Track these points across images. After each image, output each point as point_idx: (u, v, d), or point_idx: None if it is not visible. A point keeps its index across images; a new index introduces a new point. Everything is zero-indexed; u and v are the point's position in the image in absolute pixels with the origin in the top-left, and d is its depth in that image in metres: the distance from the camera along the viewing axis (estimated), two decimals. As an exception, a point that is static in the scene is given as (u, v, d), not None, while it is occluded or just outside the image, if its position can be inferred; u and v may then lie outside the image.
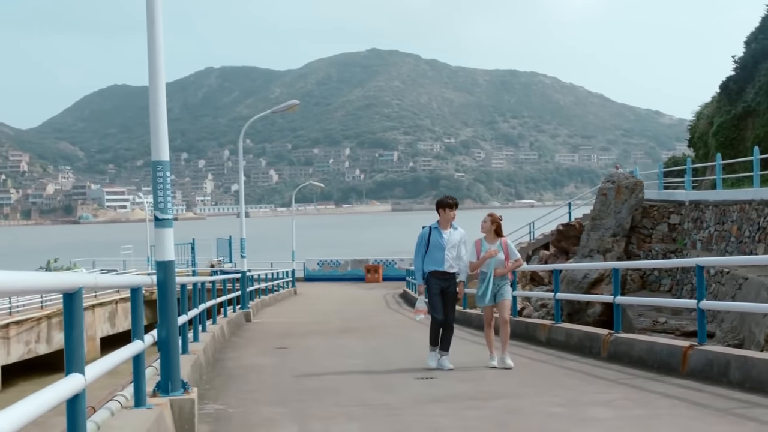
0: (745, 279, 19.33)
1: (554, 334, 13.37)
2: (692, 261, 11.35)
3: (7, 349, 26.21)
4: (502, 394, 8.54)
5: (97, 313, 31.83)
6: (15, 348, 26.62)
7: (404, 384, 9.50)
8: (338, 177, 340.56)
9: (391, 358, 12.52)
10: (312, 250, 62.22)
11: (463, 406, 7.84)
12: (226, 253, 47.32)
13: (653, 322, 19.59)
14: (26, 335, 27.30)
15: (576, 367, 10.48)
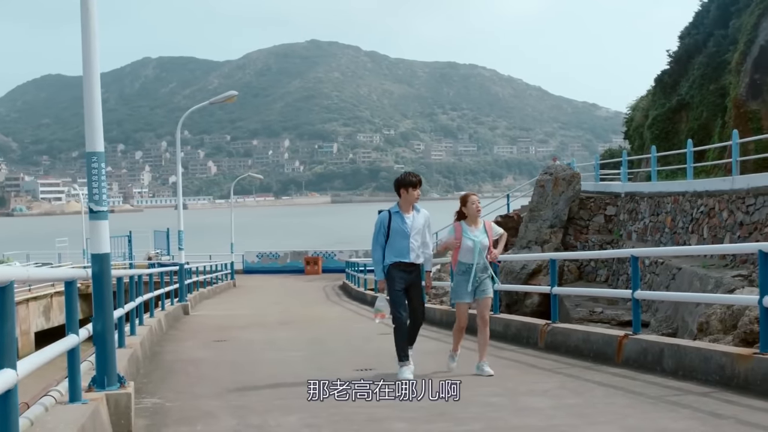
0: (679, 269, 19.69)
1: (493, 325, 13.41)
2: (627, 252, 11.53)
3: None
4: (441, 384, 8.56)
5: (32, 307, 31.24)
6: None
7: (344, 375, 9.48)
8: (277, 169, 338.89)
9: (332, 350, 12.53)
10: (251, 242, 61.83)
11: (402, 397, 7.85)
12: (163, 246, 46.78)
13: (590, 312, 19.88)
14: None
15: (514, 357, 10.60)
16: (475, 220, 9.49)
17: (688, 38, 33.83)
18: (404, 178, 9.48)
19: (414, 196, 9.37)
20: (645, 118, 35.23)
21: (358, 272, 32.74)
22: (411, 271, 9.33)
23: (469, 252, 9.32)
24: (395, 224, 9.30)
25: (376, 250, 9.38)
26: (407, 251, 9.26)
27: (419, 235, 9.35)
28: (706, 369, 7.89)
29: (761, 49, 24.50)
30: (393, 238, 9.27)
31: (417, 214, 9.43)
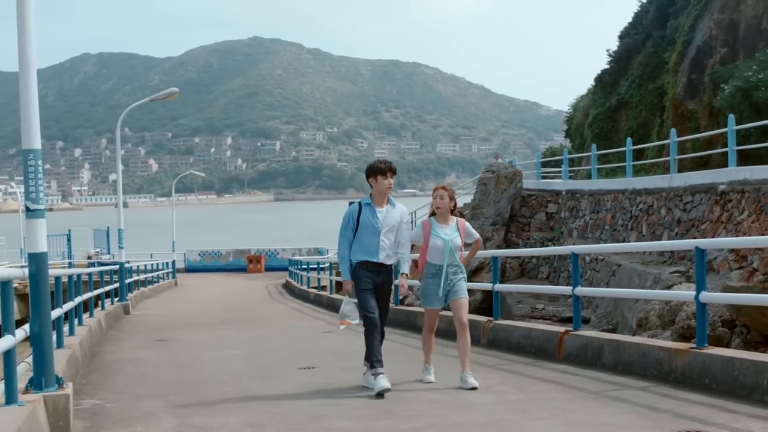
0: (619, 266, 19.96)
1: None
2: (568, 249, 11.65)
3: None
4: (384, 382, 8.57)
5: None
6: None
7: (286, 374, 9.47)
8: (220, 166, 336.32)
9: (274, 349, 12.47)
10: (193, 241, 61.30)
11: (345, 396, 7.86)
12: (103, 245, 46.15)
13: (531, 309, 20.07)
14: None
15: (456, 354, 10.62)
16: (445, 217, 8.41)
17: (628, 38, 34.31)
18: (373, 166, 8.40)
19: (385, 186, 8.24)
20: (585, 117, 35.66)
21: (301, 270, 32.64)
22: (380, 272, 8.25)
23: (439, 252, 8.29)
24: (365, 218, 8.25)
25: (342, 245, 8.33)
26: (376, 250, 8.20)
27: (392, 233, 8.29)
28: (645, 364, 8.02)
29: (698, 49, 24.94)
30: (362, 234, 8.23)
31: (391, 209, 8.34)
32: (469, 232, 8.60)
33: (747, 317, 12.42)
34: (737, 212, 16.78)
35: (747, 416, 6.12)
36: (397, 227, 8.35)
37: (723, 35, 24.15)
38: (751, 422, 5.93)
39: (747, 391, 6.75)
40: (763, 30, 22.40)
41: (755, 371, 6.75)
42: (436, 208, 8.43)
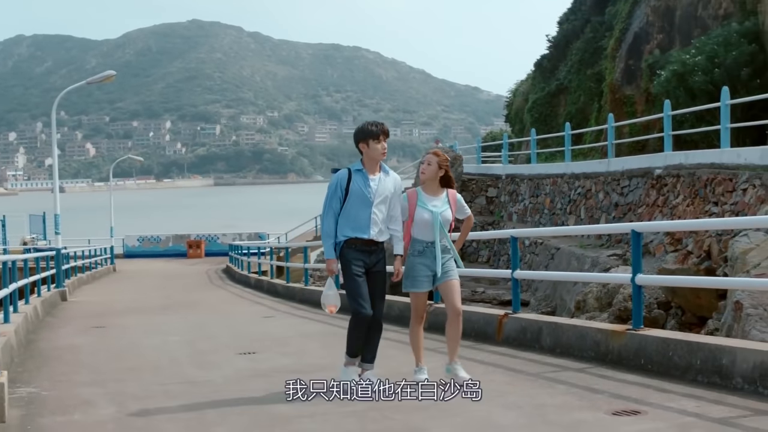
0: (557, 249, 20.20)
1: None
2: (507, 232, 11.74)
3: None
4: (324, 366, 8.58)
5: None
6: None
7: (227, 360, 9.42)
8: (159, 151, 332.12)
9: (214, 334, 12.39)
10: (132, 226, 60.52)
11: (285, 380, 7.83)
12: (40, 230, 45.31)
13: (472, 292, 20.22)
14: None
15: (397, 338, 10.65)
16: (433, 187, 7.25)
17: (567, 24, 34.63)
18: (363, 128, 7.28)
19: (379, 152, 7.16)
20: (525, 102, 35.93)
21: (241, 255, 32.46)
22: (372, 251, 7.12)
23: (427, 227, 7.13)
24: (355, 186, 7.07)
25: (327, 218, 7.13)
26: (367, 224, 7.06)
27: (385, 205, 7.15)
28: (582, 346, 8.12)
29: (635, 35, 25.25)
30: (351, 205, 7.07)
31: (385, 177, 7.20)
32: (461, 206, 7.40)
33: (682, 299, 12.66)
34: (673, 196, 17.07)
35: (681, 395, 6.24)
36: (390, 198, 7.19)
37: (659, 22, 24.49)
38: (684, 401, 6.05)
39: (681, 371, 6.89)
40: (698, 17, 22.76)
41: (689, 351, 6.88)
42: (421, 174, 7.34)
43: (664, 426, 5.45)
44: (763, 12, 19.56)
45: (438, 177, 7.24)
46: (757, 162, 14.27)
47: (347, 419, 6.10)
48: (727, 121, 15.87)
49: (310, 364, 8.77)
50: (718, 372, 6.55)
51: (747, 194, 13.76)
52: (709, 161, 16.02)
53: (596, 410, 5.94)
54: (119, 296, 22.53)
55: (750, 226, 10.75)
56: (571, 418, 5.80)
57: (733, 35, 19.58)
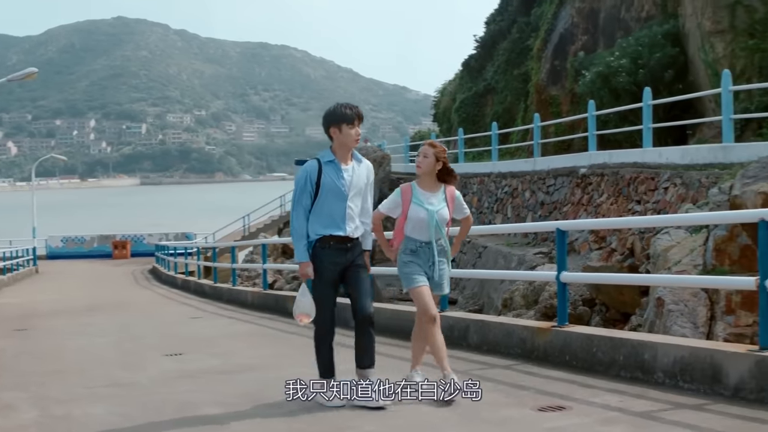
0: (485, 247, 20.39)
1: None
2: (436, 231, 11.77)
3: None
4: (253, 366, 8.54)
5: None
6: None
7: (154, 361, 9.31)
8: (83, 150, 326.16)
9: (140, 336, 12.24)
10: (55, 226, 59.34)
11: (214, 381, 7.79)
12: (-41, 231, 44.25)
13: (400, 291, 20.29)
14: None
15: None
16: (430, 183, 6.61)
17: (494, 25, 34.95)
18: (335, 111, 6.52)
19: (352, 138, 6.43)
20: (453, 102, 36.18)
21: (168, 256, 32.09)
22: (348, 248, 6.42)
23: (422, 226, 6.51)
24: (327, 179, 6.35)
25: (297, 216, 6.39)
26: (342, 220, 6.35)
27: (359, 197, 6.47)
28: (509, 343, 8.22)
29: (560, 36, 25.62)
30: (323, 200, 6.35)
31: (358, 166, 6.51)
32: (459, 205, 6.77)
33: (606, 296, 12.89)
34: (597, 195, 17.36)
35: (605, 391, 6.35)
36: (364, 190, 6.53)
37: (584, 23, 24.89)
38: (608, 396, 6.17)
39: (605, 367, 7.02)
40: (621, 19, 23.18)
41: (612, 347, 7.02)
42: (417, 168, 6.68)
43: (589, 421, 5.55)
44: (683, 14, 20.02)
45: (435, 171, 6.59)
46: (678, 161, 14.60)
47: (277, 419, 6.07)
48: (650, 122, 16.20)
49: (238, 365, 8.72)
50: (641, 367, 6.69)
51: (668, 193, 14.07)
52: (632, 160, 16.34)
53: (522, 407, 6.02)
54: (42, 298, 22.09)
55: (671, 224, 10.99)
56: (498, 415, 5.86)
57: (655, 37, 19.99)
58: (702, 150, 14.43)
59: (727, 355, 6.06)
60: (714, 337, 9.18)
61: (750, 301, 8.76)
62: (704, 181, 12.65)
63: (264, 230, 37.14)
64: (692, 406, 5.74)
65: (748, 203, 9.34)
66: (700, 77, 18.92)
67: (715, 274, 9.46)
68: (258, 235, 35.09)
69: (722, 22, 18.28)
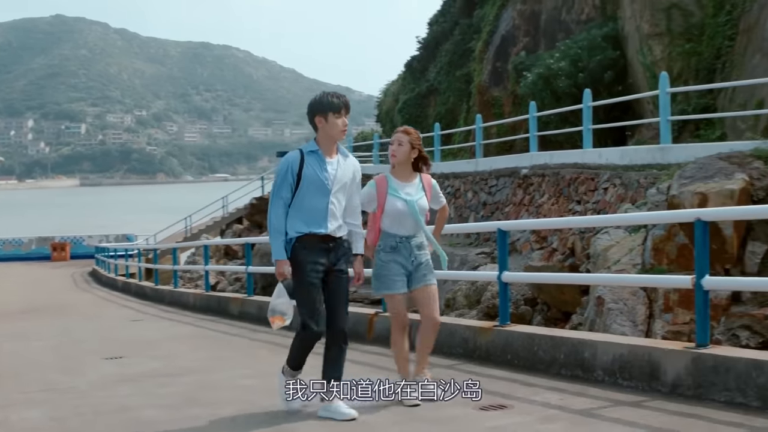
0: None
1: (247, 307, 13.45)
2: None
3: None
4: (194, 369, 8.47)
5: None
6: None
7: (93, 365, 9.17)
8: (20, 150, 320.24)
9: (80, 339, 12.06)
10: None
11: (154, 384, 7.69)
12: None
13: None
14: None
15: (268, 338, 10.60)
16: (405, 172, 6.26)
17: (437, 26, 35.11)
18: (322, 100, 6.06)
19: (339, 129, 5.98)
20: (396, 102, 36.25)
21: (108, 258, 31.66)
22: (330, 248, 5.95)
23: (400, 218, 6.14)
24: (310, 171, 5.88)
25: (276, 210, 5.91)
26: (324, 217, 5.88)
27: (343, 193, 6.00)
28: (452, 343, 8.25)
29: (502, 38, 25.81)
30: (304, 194, 5.87)
31: (344, 161, 6.04)
32: (436, 194, 6.42)
33: (547, 295, 13.01)
34: (538, 195, 17.51)
35: (545, 389, 6.41)
36: (349, 186, 6.06)
37: (525, 25, 25.11)
38: (549, 394, 6.22)
39: (546, 366, 7.08)
40: (562, 21, 23.43)
41: (553, 346, 7.08)
42: (391, 157, 6.27)
43: (529, 419, 5.59)
44: (622, 17, 20.30)
45: (411, 159, 6.24)
46: (617, 162, 14.79)
47: (218, 422, 6.02)
48: (590, 123, 16.40)
49: (179, 368, 8.63)
50: (581, 365, 6.76)
51: (608, 193, 14.25)
52: (573, 161, 16.52)
53: (464, 405, 6.03)
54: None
55: (611, 224, 11.13)
56: (440, 414, 5.87)
57: (595, 39, 20.25)
58: (640, 151, 14.64)
59: (664, 353, 6.16)
60: (652, 335, 9.32)
61: (687, 300, 8.91)
62: (643, 182, 12.82)
63: (206, 231, 36.84)
64: (631, 403, 5.82)
65: (685, 203, 9.50)
66: (639, 79, 19.20)
67: (653, 273, 9.60)
68: (200, 237, 34.79)
69: (660, 25, 18.60)
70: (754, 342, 8.56)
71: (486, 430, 5.44)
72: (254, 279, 15.56)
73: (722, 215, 7.51)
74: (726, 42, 16.82)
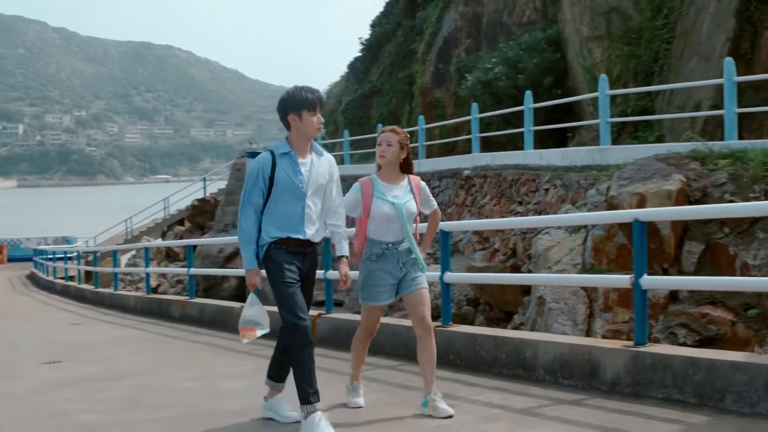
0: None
1: (188, 310, 13.32)
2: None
3: None
4: (134, 372, 8.36)
5: None
6: None
7: (30, 370, 9.00)
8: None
9: (17, 343, 11.84)
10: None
11: (93, 388, 7.58)
12: None
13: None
14: None
15: (210, 341, 10.53)
16: (393, 174, 5.93)
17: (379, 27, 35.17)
18: (296, 96, 5.58)
19: (314, 126, 5.55)
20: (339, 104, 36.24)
21: (47, 260, 31.15)
22: (306, 253, 5.60)
23: (387, 223, 5.80)
24: (282, 174, 5.47)
25: (246, 217, 5.57)
26: (300, 222, 5.50)
27: (319, 196, 5.61)
28: (394, 343, 8.26)
29: (444, 40, 25.93)
30: (277, 199, 5.49)
31: (318, 159, 5.64)
32: (426, 197, 6.09)
33: (489, 295, 13.10)
34: (480, 196, 17.63)
35: (488, 389, 6.45)
36: (326, 187, 5.68)
37: (467, 27, 25.27)
38: (491, 394, 6.27)
39: (488, 365, 7.12)
40: (503, 24, 23.62)
41: (495, 346, 7.13)
42: (380, 158, 5.91)
43: (472, 419, 5.61)
44: (563, 20, 20.53)
45: (399, 161, 5.91)
46: (558, 163, 14.95)
47: (159, 426, 5.95)
48: (531, 124, 16.55)
49: (119, 371, 8.52)
50: (522, 365, 6.82)
51: (549, 194, 14.39)
52: (514, 162, 16.66)
53: (408, 406, 6.05)
54: None
55: (551, 225, 11.25)
56: (383, 415, 5.88)
57: (535, 42, 20.44)
58: (581, 152, 14.82)
59: (604, 351, 6.24)
60: (593, 334, 9.44)
61: (626, 299, 9.04)
62: (583, 183, 12.98)
63: (147, 233, 36.45)
64: (571, 402, 5.88)
65: (624, 204, 9.63)
66: (579, 81, 19.44)
67: (593, 272, 9.73)
68: (141, 239, 34.39)
69: (599, 29, 18.85)
70: (691, 340, 8.71)
71: (430, 430, 5.45)
72: (196, 281, 15.44)
73: (659, 216, 7.62)
74: (664, 45, 17.11)
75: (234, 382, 7.48)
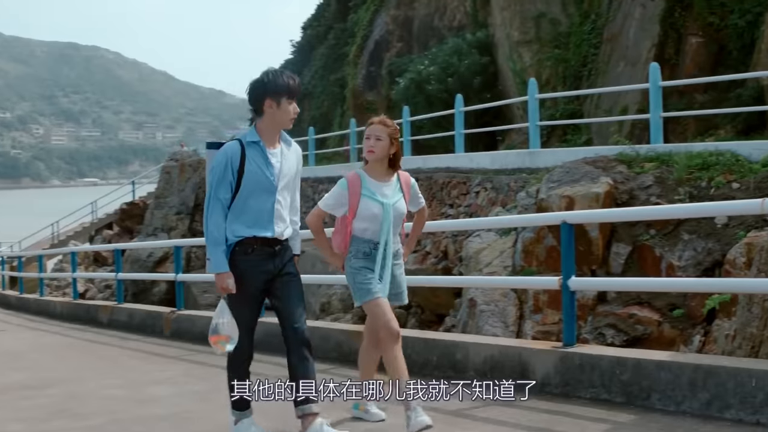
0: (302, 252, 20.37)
1: (116, 315, 13.12)
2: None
3: None
4: (60, 380, 8.20)
5: None
6: None
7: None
8: None
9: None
10: None
11: (17, 397, 7.41)
12: None
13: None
14: None
15: (138, 347, 10.38)
16: (382, 170, 5.47)
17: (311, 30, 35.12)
18: (276, 80, 5.14)
19: (290, 115, 5.20)
20: (270, 106, 36.04)
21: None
22: (276, 253, 5.19)
23: (375, 223, 5.36)
24: (252, 166, 5.03)
25: (213, 215, 5.08)
26: (270, 218, 5.10)
27: (288, 190, 5.24)
28: (326, 347, 8.23)
29: (376, 43, 26.00)
30: (246, 194, 5.05)
31: (287, 150, 5.26)
32: (415, 194, 5.66)
33: (421, 298, 13.14)
34: (412, 199, 17.64)
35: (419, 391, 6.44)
36: (293, 180, 5.28)
37: (399, 31, 25.36)
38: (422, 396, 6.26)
39: (419, 368, 7.12)
40: (434, 27, 23.75)
41: (426, 348, 7.15)
42: (368, 154, 5.45)
43: (403, 422, 5.60)
44: (493, 24, 20.72)
45: (389, 156, 5.45)
46: (488, 166, 15.06)
47: (84, 434, 5.85)
48: (461, 128, 16.66)
49: (44, 378, 8.34)
50: (453, 367, 6.84)
51: (479, 197, 14.49)
52: (445, 165, 16.73)
53: (340, 410, 6.02)
54: None
55: (482, 227, 11.33)
56: (314, 419, 5.83)
57: (465, 46, 20.59)
58: (510, 155, 14.95)
59: (534, 353, 6.29)
60: (523, 335, 9.53)
61: (555, 300, 9.13)
62: (513, 186, 13.09)
63: (75, 238, 35.75)
64: (502, 403, 5.91)
65: (552, 206, 9.74)
66: (509, 85, 19.63)
67: (523, 274, 9.82)
68: (68, 243, 33.72)
69: (529, 33, 19.07)
70: (618, 340, 8.85)
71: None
72: (125, 286, 15.22)
73: (587, 218, 7.73)
74: (592, 50, 17.37)
75: (162, 388, 7.38)
